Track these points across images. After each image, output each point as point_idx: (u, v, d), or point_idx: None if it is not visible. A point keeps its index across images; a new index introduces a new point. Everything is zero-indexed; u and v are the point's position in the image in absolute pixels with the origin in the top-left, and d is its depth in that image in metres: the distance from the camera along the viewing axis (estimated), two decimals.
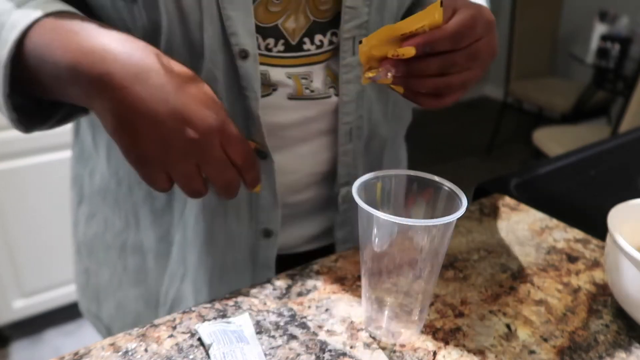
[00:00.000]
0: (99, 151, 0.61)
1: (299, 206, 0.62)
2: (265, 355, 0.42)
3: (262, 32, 0.49)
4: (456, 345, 0.44)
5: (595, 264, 0.56)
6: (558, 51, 3.46)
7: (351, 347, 0.43)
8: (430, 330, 0.46)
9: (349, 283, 0.51)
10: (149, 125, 0.40)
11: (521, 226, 0.62)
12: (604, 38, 2.81)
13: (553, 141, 2.38)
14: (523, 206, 0.67)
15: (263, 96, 0.52)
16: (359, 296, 0.49)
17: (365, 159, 0.61)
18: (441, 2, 0.40)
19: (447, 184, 0.43)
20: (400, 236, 0.40)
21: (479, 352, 0.44)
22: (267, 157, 0.54)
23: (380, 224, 0.39)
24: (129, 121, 0.40)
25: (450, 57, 0.43)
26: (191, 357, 0.42)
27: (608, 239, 0.48)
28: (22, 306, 1.66)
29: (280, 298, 0.49)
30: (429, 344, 0.44)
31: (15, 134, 1.44)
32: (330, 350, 0.43)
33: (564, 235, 0.61)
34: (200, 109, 0.41)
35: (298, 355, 0.42)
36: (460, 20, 0.42)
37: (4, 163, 1.47)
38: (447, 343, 0.44)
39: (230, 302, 0.48)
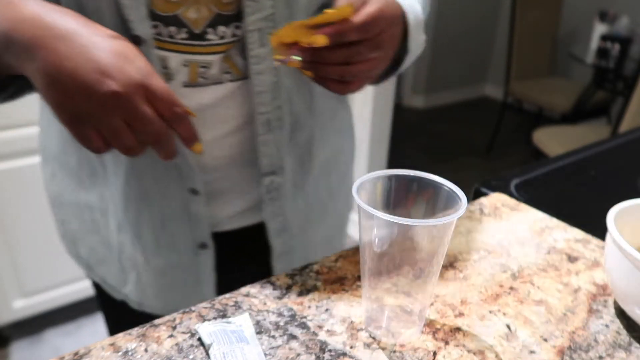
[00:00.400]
0: (51, 118, 0.66)
1: (223, 183, 0.65)
2: (265, 355, 0.42)
3: (163, 20, 0.52)
4: (456, 345, 0.44)
5: (595, 264, 0.56)
6: (558, 51, 3.46)
7: (351, 347, 0.43)
8: (430, 330, 0.46)
9: (349, 283, 0.51)
10: (73, 81, 0.42)
11: (521, 226, 0.62)
12: (604, 38, 2.81)
13: (553, 141, 2.38)
14: (523, 206, 0.67)
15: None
16: (359, 296, 0.49)
17: (292, 150, 0.64)
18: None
19: (447, 184, 0.43)
20: (400, 236, 0.40)
21: (479, 352, 0.44)
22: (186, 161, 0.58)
23: (380, 224, 0.39)
24: (55, 80, 0.42)
25: (356, 47, 0.46)
26: (191, 357, 0.42)
27: (608, 239, 0.48)
28: (22, 306, 1.66)
29: (280, 298, 0.49)
30: (429, 344, 0.44)
31: (15, 133, 1.44)
32: (330, 350, 0.43)
33: (564, 235, 0.61)
34: (122, 63, 0.43)
35: (298, 355, 0.42)
36: (368, 12, 0.45)
37: (4, 163, 1.47)
38: (447, 343, 0.44)
39: (230, 302, 0.48)
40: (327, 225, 0.78)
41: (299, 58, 0.45)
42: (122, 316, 0.76)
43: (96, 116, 0.43)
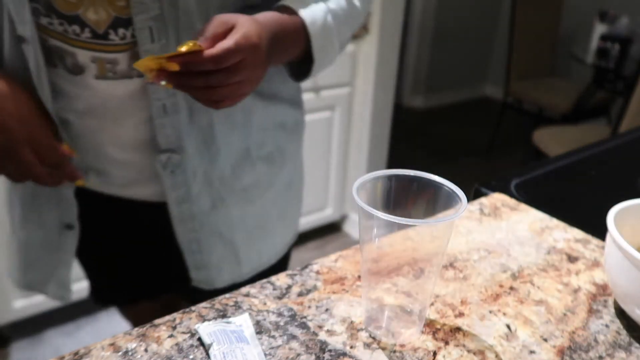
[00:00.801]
0: None
1: (129, 166, 0.71)
2: (265, 355, 0.42)
3: (66, 18, 0.58)
4: (456, 345, 0.44)
5: (595, 264, 0.56)
6: (558, 51, 3.46)
7: (351, 347, 0.43)
8: (430, 330, 0.46)
9: (349, 283, 0.51)
10: None
11: (521, 226, 0.62)
12: (604, 38, 2.81)
13: (553, 141, 2.38)
14: (523, 206, 0.67)
15: (76, 74, 0.62)
16: (359, 296, 0.49)
17: (192, 131, 0.68)
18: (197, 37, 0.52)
19: (447, 184, 0.43)
20: (400, 236, 0.40)
21: (479, 352, 0.44)
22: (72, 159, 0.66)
23: (380, 224, 0.39)
24: None
25: (214, 75, 0.53)
26: (191, 357, 0.42)
27: (608, 239, 0.48)
28: (22, 306, 1.66)
29: (280, 298, 0.49)
30: (429, 344, 0.44)
31: None
32: (330, 350, 0.43)
33: (564, 235, 0.61)
34: (14, 124, 0.59)
35: (298, 355, 0.42)
36: (223, 46, 0.51)
37: None
38: (447, 343, 0.44)
39: (230, 302, 0.48)
40: (250, 221, 0.78)
41: (164, 82, 0.52)
42: None
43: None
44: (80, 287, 1.74)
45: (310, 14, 0.64)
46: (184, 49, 0.50)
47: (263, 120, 0.75)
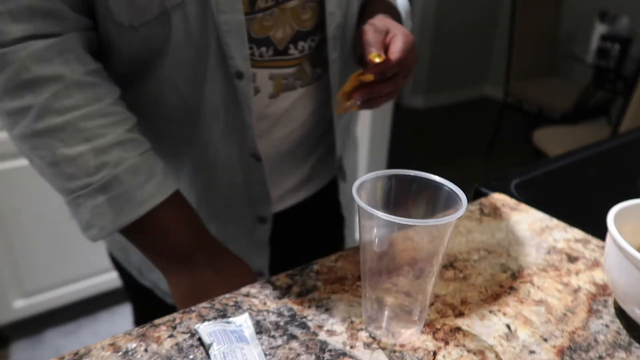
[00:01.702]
0: None
1: (285, 170, 0.74)
2: (265, 355, 0.42)
3: (257, 42, 0.59)
4: (456, 345, 0.44)
5: (595, 264, 0.56)
6: (558, 51, 3.46)
7: (351, 347, 0.43)
8: (430, 330, 0.46)
9: (349, 283, 0.51)
10: (210, 297, 0.54)
11: (521, 226, 0.63)
12: (604, 38, 2.82)
13: (553, 141, 2.38)
14: (523, 206, 0.67)
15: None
16: (359, 296, 0.49)
17: (341, 132, 0.75)
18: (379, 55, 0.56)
19: (447, 184, 0.43)
20: (400, 236, 0.40)
21: (479, 352, 0.44)
22: (260, 159, 0.66)
23: (380, 224, 0.39)
24: (196, 295, 0.57)
25: (396, 78, 0.58)
26: (191, 357, 0.42)
27: (608, 239, 0.48)
28: (22, 306, 1.66)
29: (280, 298, 0.49)
30: (429, 344, 0.44)
31: None
32: (330, 350, 0.43)
33: (564, 235, 0.61)
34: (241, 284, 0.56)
35: (298, 355, 0.42)
36: (401, 48, 0.56)
37: (4, 163, 1.47)
38: (447, 343, 0.44)
39: (230, 302, 0.48)
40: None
41: (358, 102, 0.57)
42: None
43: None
44: (80, 287, 1.74)
45: (400, 4, 0.70)
46: (377, 60, 0.55)
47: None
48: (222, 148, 0.64)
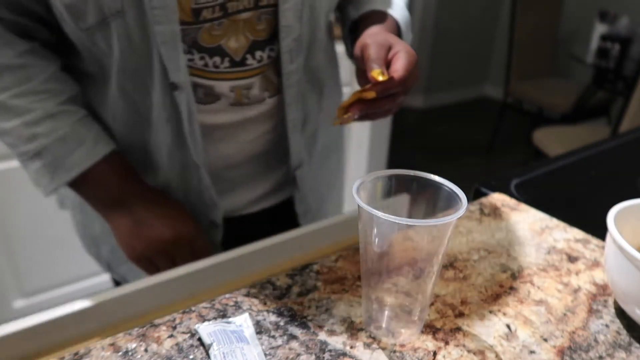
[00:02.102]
0: None
1: (245, 176, 0.75)
2: (265, 355, 0.42)
3: (208, 51, 0.60)
4: (456, 345, 0.44)
5: (595, 264, 0.56)
6: (558, 51, 3.46)
7: (351, 347, 0.43)
8: (430, 330, 0.46)
9: (349, 283, 0.51)
10: (145, 236, 0.65)
11: (521, 226, 0.62)
12: (604, 38, 2.82)
13: (553, 141, 2.38)
14: (523, 206, 0.67)
15: (207, 104, 0.64)
16: (359, 296, 0.49)
17: (304, 141, 0.75)
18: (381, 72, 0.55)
19: (447, 184, 0.43)
20: (400, 236, 0.40)
21: (479, 352, 0.44)
22: (199, 168, 0.67)
23: (380, 224, 0.39)
24: (133, 232, 0.65)
25: (397, 95, 0.57)
26: (191, 357, 0.42)
27: (608, 239, 0.48)
28: (22, 306, 1.66)
29: (280, 298, 0.49)
30: (429, 344, 0.44)
31: None
32: (330, 350, 0.43)
33: (564, 235, 0.61)
34: (178, 226, 0.65)
35: (298, 355, 0.42)
36: (404, 67, 0.55)
37: (4, 163, 1.47)
38: (447, 343, 0.44)
39: (230, 302, 0.48)
40: (331, 204, 0.90)
41: (356, 115, 0.56)
42: None
43: (155, 257, 0.65)
44: (80, 287, 1.74)
45: (400, 16, 0.69)
46: (380, 78, 0.54)
47: (330, 113, 0.81)
48: (172, 154, 0.67)
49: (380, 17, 0.66)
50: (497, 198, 0.69)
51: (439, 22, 3.98)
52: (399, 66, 0.55)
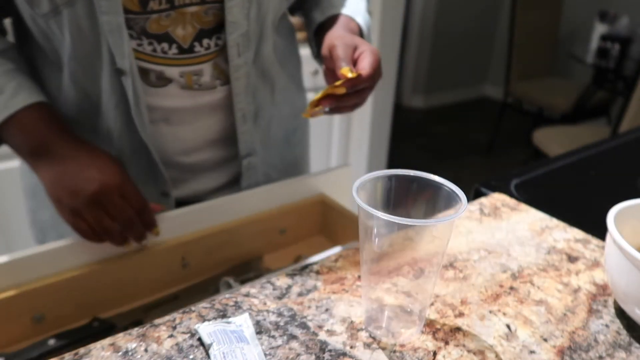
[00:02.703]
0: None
1: (200, 164, 0.77)
2: (265, 355, 0.42)
3: (157, 38, 0.63)
4: (456, 345, 0.44)
5: (595, 264, 0.56)
6: (558, 51, 3.46)
7: (351, 347, 0.43)
8: (430, 330, 0.46)
9: (349, 283, 0.51)
10: (70, 186, 0.62)
11: (521, 226, 0.62)
12: (604, 38, 2.81)
13: (553, 141, 2.38)
14: (523, 206, 0.67)
15: (159, 87, 0.67)
16: (359, 296, 0.49)
17: (258, 134, 0.78)
18: (349, 70, 0.60)
19: (447, 184, 0.43)
20: (400, 236, 0.40)
21: (479, 352, 0.44)
22: (150, 152, 0.69)
23: (380, 224, 0.39)
24: (58, 182, 0.62)
25: (363, 91, 0.63)
26: (191, 357, 0.42)
27: (608, 239, 0.48)
28: None
29: (280, 298, 0.49)
30: (429, 344, 0.44)
31: None
32: (330, 350, 0.43)
33: (564, 235, 0.61)
34: (103, 173, 0.62)
35: (298, 355, 0.42)
36: (371, 64, 0.60)
37: (4, 163, 1.47)
38: (447, 343, 0.44)
39: (230, 302, 0.48)
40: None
41: (325, 109, 0.62)
42: None
43: (84, 209, 0.61)
44: None
45: (362, 21, 0.73)
46: (350, 75, 0.59)
47: (292, 108, 0.84)
48: (122, 137, 0.69)
49: (344, 21, 0.71)
50: (497, 198, 0.69)
51: (439, 22, 3.98)
52: (366, 64, 0.60)
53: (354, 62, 0.62)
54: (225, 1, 0.63)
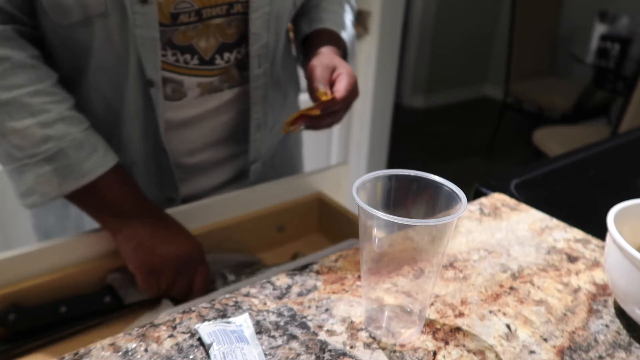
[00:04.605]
0: None
1: (205, 163, 0.77)
2: (265, 355, 0.42)
3: (180, 49, 0.64)
4: (456, 345, 0.44)
5: (595, 264, 0.56)
6: (558, 51, 3.46)
7: (351, 347, 0.43)
8: (430, 330, 0.46)
9: (349, 283, 0.51)
10: (165, 250, 0.64)
11: (521, 226, 0.62)
12: (604, 38, 2.81)
13: (553, 141, 2.38)
14: (523, 206, 0.67)
15: (174, 100, 0.67)
16: (359, 296, 0.49)
17: (269, 141, 0.80)
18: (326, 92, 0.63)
19: (447, 184, 0.43)
20: (400, 236, 0.40)
21: (479, 352, 0.44)
22: (167, 156, 0.70)
23: (380, 224, 0.39)
24: (149, 246, 0.63)
25: (338, 112, 0.66)
26: (191, 357, 0.42)
27: (608, 239, 0.48)
28: None
29: (280, 298, 0.49)
30: (429, 344, 0.44)
31: None
32: (330, 350, 0.43)
33: (564, 235, 0.61)
34: (193, 246, 0.65)
35: (298, 355, 0.42)
36: (345, 87, 0.63)
37: None
38: (447, 343, 0.44)
39: (230, 302, 0.48)
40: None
41: (302, 126, 0.65)
42: None
43: (165, 272, 0.63)
44: None
45: (347, 38, 0.75)
46: (324, 98, 0.62)
47: (290, 114, 0.84)
48: (140, 144, 0.69)
49: (330, 37, 0.73)
50: (497, 198, 0.69)
51: (439, 22, 3.98)
52: (341, 87, 0.63)
53: (332, 83, 0.65)
54: (249, 13, 0.65)
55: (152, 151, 0.70)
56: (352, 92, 0.65)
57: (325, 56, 0.67)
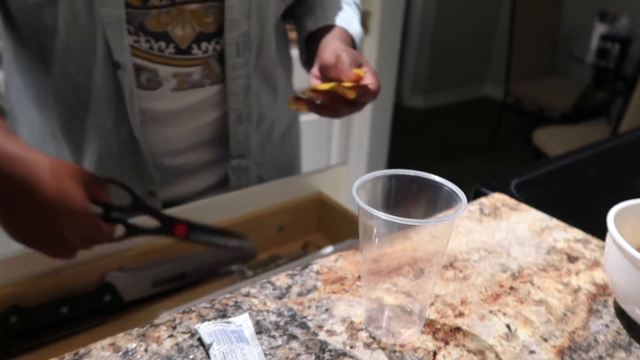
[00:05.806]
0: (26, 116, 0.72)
1: (187, 166, 0.76)
2: (265, 355, 0.42)
3: (154, 35, 0.62)
4: (456, 345, 0.44)
5: (595, 264, 0.56)
6: (558, 51, 3.46)
7: (351, 347, 0.43)
8: (430, 330, 0.46)
9: (349, 283, 0.51)
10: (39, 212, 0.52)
11: (521, 226, 0.62)
12: (604, 38, 2.81)
13: (553, 141, 2.38)
14: (523, 206, 0.67)
15: (149, 89, 0.66)
16: (359, 296, 0.49)
17: (257, 137, 0.77)
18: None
19: (447, 184, 0.43)
20: (400, 236, 0.40)
21: (479, 352, 0.44)
22: (140, 149, 0.68)
23: (380, 224, 0.39)
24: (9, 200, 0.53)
25: (358, 105, 0.63)
26: (191, 357, 0.42)
27: (608, 239, 0.48)
28: None
29: (280, 298, 0.49)
30: (429, 344, 0.44)
31: None
32: (330, 350, 0.43)
33: (564, 235, 0.61)
34: (64, 199, 0.52)
35: (298, 355, 0.42)
36: (376, 81, 0.60)
37: None
38: (447, 343, 0.44)
39: (230, 302, 0.48)
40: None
41: (317, 101, 0.61)
42: None
43: (39, 232, 0.53)
44: None
45: (356, 33, 0.73)
46: (362, 74, 0.58)
47: (289, 111, 0.84)
48: (110, 133, 0.67)
49: (340, 34, 0.70)
50: (497, 198, 0.69)
51: (439, 22, 3.98)
52: (373, 80, 0.60)
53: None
54: (225, 0, 0.63)
55: (126, 141, 0.69)
56: (378, 90, 0.62)
57: (350, 50, 0.64)
